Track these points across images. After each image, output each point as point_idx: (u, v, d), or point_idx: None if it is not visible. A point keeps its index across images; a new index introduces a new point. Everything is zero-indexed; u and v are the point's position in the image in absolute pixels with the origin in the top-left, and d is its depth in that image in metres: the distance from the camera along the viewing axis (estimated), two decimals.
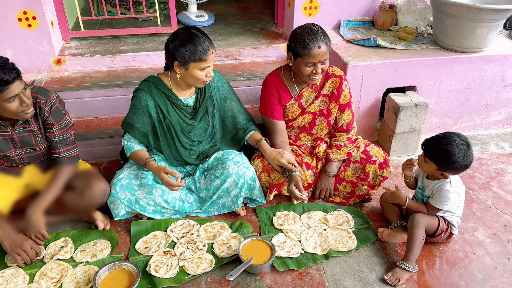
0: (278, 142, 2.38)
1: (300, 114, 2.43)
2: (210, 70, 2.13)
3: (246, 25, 3.76)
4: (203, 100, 2.31)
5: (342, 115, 2.44)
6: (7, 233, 1.96)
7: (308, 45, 2.13)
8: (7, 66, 1.79)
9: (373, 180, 2.37)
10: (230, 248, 2.12)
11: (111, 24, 3.69)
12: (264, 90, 2.42)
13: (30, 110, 1.93)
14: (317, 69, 2.19)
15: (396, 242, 2.17)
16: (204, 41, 2.05)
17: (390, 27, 3.27)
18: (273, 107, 2.39)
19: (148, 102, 2.20)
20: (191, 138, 2.35)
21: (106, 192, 2.16)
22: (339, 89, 2.39)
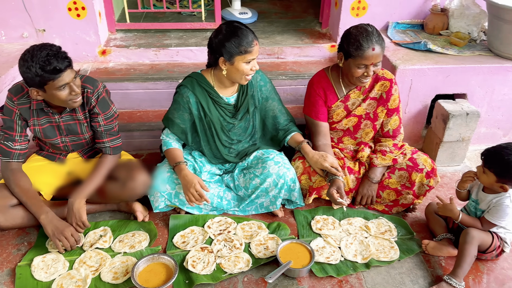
0: (320, 144, 2.33)
1: (345, 116, 2.37)
2: (255, 63, 2.10)
3: (289, 23, 3.71)
4: (245, 99, 2.28)
5: (389, 120, 2.36)
6: (50, 218, 1.98)
7: (362, 46, 2.05)
8: (60, 55, 1.81)
9: (419, 189, 2.28)
10: (267, 249, 2.08)
11: (154, 17, 3.72)
12: (310, 90, 2.36)
13: (78, 98, 1.95)
14: (368, 71, 2.12)
15: (441, 255, 2.07)
16: (248, 33, 2.03)
17: (440, 32, 3.15)
18: (318, 108, 2.33)
19: (190, 98, 2.19)
20: (231, 136, 2.33)
21: (148, 184, 2.17)
22: (388, 92, 2.30)
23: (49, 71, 1.77)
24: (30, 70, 1.77)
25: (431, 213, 2.19)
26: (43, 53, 1.77)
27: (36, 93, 1.88)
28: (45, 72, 1.77)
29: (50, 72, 1.78)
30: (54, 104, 1.98)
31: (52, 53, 1.79)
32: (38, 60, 1.76)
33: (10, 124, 2.00)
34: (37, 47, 1.80)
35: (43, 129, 2.06)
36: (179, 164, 2.17)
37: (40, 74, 1.77)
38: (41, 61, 1.76)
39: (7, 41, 2.93)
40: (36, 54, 1.77)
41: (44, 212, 1.98)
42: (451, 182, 2.64)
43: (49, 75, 1.78)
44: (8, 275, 1.92)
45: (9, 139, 2.02)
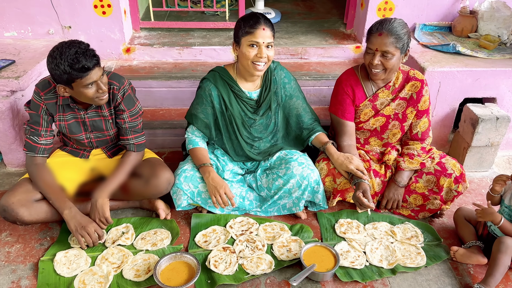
0: (345, 145, 2.28)
1: (372, 116, 2.32)
2: (262, 51, 2.03)
3: (313, 24, 3.68)
4: (267, 95, 2.25)
5: (418, 122, 2.30)
6: (73, 213, 1.98)
7: (371, 29, 2.06)
8: (88, 53, 1.80)
9: (447, 194, 2.21)
10: (290, 251, 2.04)
11: (178, 17, 3.73)
12: (338, 88, 2.32)
13: (105, 96, 1.94)
14: (373, 59, 2.08)
15: (470, 263, 2.01)
16: (258, 18, 2.02)
17: (469, 34, 3.07)
18: (345, 107, 2.29)
19: (212, 91, 2.19)
20: (252, 133, 2.30)
21: (171, 181, 2.15)
22: (419, 93, 2.25)
23: (77, 69, 1.77)
24: (59, 67, 1.77)
25: (461, 218, 2.13)
26: (72, 51, 1.77)
27: (63, 89, 1.88)
28: (74, 70, 1.77)
29: (79, 70, 1.77)
30: (80, 100, 1.98)
31: (81, 51, 1.78)
32: (67, 58, 1.76)
33: (36, 119, 2.01)
34: (66, 44, 1.80)
35: (68, 125, 2.06)
36: (206, 166, 2.16)
37: (69, 72, 1.77)
38: (70, 59, 1.76)
39: (34, 37, 2.96)
40: (64, 52, 1.77)
41: (68, 207, 1.98)
42: (478, 188, 2.57)
43: (77, 73, 1.78)
44: (31, 269, 1.93)
45: (34, 134, 2.03)
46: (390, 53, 2.06)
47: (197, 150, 2.22)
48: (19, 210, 1.97)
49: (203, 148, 2.24)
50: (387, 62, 2.09)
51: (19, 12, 2.87)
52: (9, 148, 2.53)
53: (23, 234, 2.12)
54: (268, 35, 2.03)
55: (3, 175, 2.57)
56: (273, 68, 2.26)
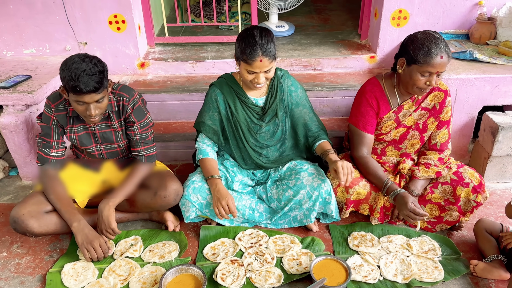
0: (361, 156, 2.21)
1: (394, 128, 2.23)
2: (259, 78, 2.01)
3: (326, 35, 3.65)
4: (273, 102, 2.22)
5: (438, 133, 2.21)
6: (82, 226, 1.98)
7: (431, 52, 1.93)
8: (93, 78, 1.79)
9: (465, 205, 2.11)
10: (300, 265, 1.98)
11: (193, 32, 3.77)
12: (361, 99, 2.22)
13: (93, 119, 1.93)
14: (431, 80, 1.98)
15: (491, 278, 1.90)
16: (256, 46, 1.93)
17: (488, 41, 2.98)
18: (367, 119, 2.20)
19: (218, 97, 2.19)
20: (259, 140, 2.27)
21: (179, 193, 2.13)
22: (442, 104, 2.16)
23: (71, 86, 1.78)
24: (63, 72, 1.81)
25: (481, 231, 2.02)
26: (81, 67, 1.77)
27: (63, 90, 1.90)
28: (68, 85, 1.79)
29: (72, 87, 1.78)
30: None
31: (88, 72, 1.78)
32: (71, 70, 1.77)
33: (47, 131, 2.04)
34: (83, 58, 1.82)
35: (79, 137, 2.08)
36: (213, 178, 2.13)
37: (66, 82, 1.80)
38: (73, 73, 1.76)
39: (51, 53, 3.04)
40: (76, 63, 1.79)
41: (77, 220, 1.99)
42: (501, 200, 2.45)
43: (70, 88, 1.79)
44: (39, 281, 1.93)
45: (46, 146, 2.05)
46: (443, 72, 2.00)
47: (206, 161, 2.21)
48: (29, 222, 1.98)
49: (212, 159, 2.22)
50: (438, 80, 2.03)
51: (37, 30, 2.96)
52: (24, 162, 2.58)
53: (34, 246, 2.14)
54: (266, 64, 1.97)
55: (19, 188, 2.61)
56: (280, 75, 2.23)
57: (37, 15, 2.92)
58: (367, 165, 2.18)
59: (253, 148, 2.29)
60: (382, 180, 2.11)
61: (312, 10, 4.55)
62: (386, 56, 3.13)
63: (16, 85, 2.51)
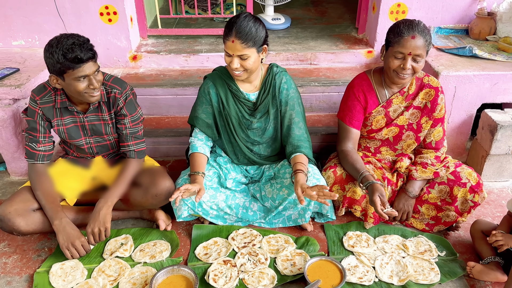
0: (347, 150, 2.15)
1: (385, 125, 2.19)
2: (233, 61, 1.93)
3: (323, 29, 3.58)
4: (265, 98, 2.15)
5: (432, 131, 2.17)
6: (64, 225, 1.91)
7: (402, 32, 1.90)
8: (85, 46, 1.77)
9: (462, 205, 2.08)
10: (294, 266, 1.94)
11: (187, 24, 3.69)
12: (349, 93, 2.19)
13: (96, 93, 1.89)
14: (405, 63, 1.93)
15: (488, 280, 1.87)
16: (231, 26, 1.88)
17: (487, 37, 2.93)
18: (353, 113, 2.17)
19: (211, 90, 2.13)
20: (249, 135, 2.21)
21: (171, 191, 2.08)
22: (433, 102, 2.11)
23: (70, 59, 1.74)
24: (53, 56, 1.75)
25: (478, 232, 1.99)
26: (69, 41, 1.75)
27: (55, 80, 1.85)
28: (66, 60, 1.74)
29: (71, 60, 1.74)
30: (74, 99, 1.95)
31: (78, 43, 1.76)
32: (62, 47, 1.73)
33: (33, 125, 1.98)
34: (65, 35, 1.79)
35: (67, 129, 2.02)
36: (195, 174, 2.06)
37: (61, 61, 1.74)
38: (65, 48, 1.73)
39: (41, 45, 2.95)
40: (62, 41, 1.75)
41: (59, 218, 1.92)
42: (498, 199, 2.42)
43: (69, 63, 1.75)
44: (26, 281, 1.88)
45: (33, 141, 2.00)
46: (421, 56, 1.93)
47: (194, 156, 2.14)
48: (16, 220, 1.92)
49: (200, 154, 2.15)
50: (417, 66, 1.95)
51: (26, 20, 2.87)
52: (12, 157, 2.51)
53: (21, 244, 2.08)
54: (238, 47, 1.89)
55: (7, 184, 2.55)
56: (276, 72, 2.16)
57: (26, 6, 2.83)
58: (346, 158, 2.12)
59: (245, 144, 2.24)
60: (359, 171, 2.03)
61: (309, 2, 4.48)
62: None
63: (4, 78, 2.44)
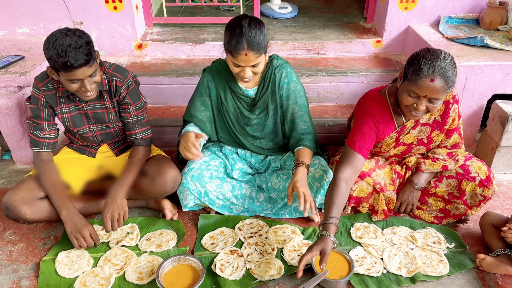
0: (341, 177, 1.87)
1: (393, 147, 2.08)
2: (245, 72, 1.86)
3: (331, 18, 3.53)
4: (264, 93, 2.08)
5: (448, 140, 2.07)
6: (71, 215, 1.90)
7: (420, 71, 1.69)
8: (80, 50, 1.68)
9: (471, 199, 2.04)
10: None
11: (193, 12, 3.65)
12: (366, 119, 1.95)
13: (89, 94, 1.84)
14: (419, 104, 1.75)
15: (498, 273, 1.84)
16: (241, 39, 1.77)
17: (498, 27, 2.87)
18: (366, 141, 1.94)
19: (210, 84, 2.08)
20: (248, 131, 2.17)
21: (177, 180, 2.06)
22: (444, 116, 1.97)
23: (61, 64, 1.68)
24: (48, 52, 1.69)
25: (487, 224, 1.96)
26: (66, 41, 1.66)
27: (51, 72, 1.80)
28: (57, 63, 1.69)
29: (62, 64, 1.68)
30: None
31: (74, 45, 1.67)
32: (57, 47, 1.66)
33: (37, 113, 1.96)
34: (66, 31, 1.71)
35: (71, 117, 2.00)
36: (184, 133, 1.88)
37: (54, 62, 1.70)
38: (59, 49, 1.65)
39: (45, 33, 2.92)
40: (58, 40, 1.67)
41: (66, 208, 1.90)
42: (508, 191, 2.38)
43: (60, 66, 1.69)
44: (32, 269, 1.87)
45: (37, 128, 1.97)
46: (439, 99, 1.75)
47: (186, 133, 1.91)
48: (22, 208, 1.92)
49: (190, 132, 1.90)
50: (432, 107, 1.77)
51: (31, 8, 2.84)
52: (18, 145, 2.50)
53: (27, 232, 2.07)
54: (251, 59, 1.81)
55: (12, 173, 2.54)
56: (276, 65, 2.07)
57: None
58: (333, 189, 1.86)
59: (245, 138, 2.20)
60: (329, 213, 1.79)
61: None
62: (393, 40, 3.03)
63: (9, 65, 2.41)
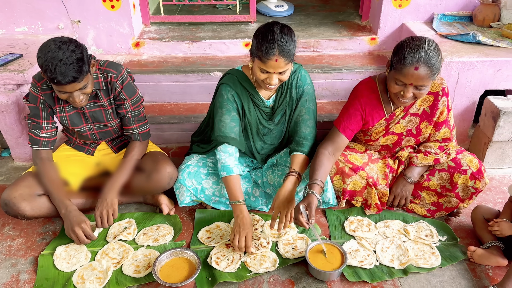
0: (324, 152, 1.99)
1: (382, 135, 2.12)
2: (272, 78, 1.83)
3: (327, 16, 3.56)
4: (283, 101, 2.07)
5: (437, 133, 2.11)
6: (68, 211, 1.91)
7: (405, 60, 1.75)
8: (71, 67, 1.68)
9: (463, 192, 2.07)
10: (296, 249, 1.95)
11: (190, 11, 3.68)
12: (354, 101, 2.03)
13: (80, 103, 1.84)
14: (406, 92, 1.81)
15: (488, 264, 1.88)
16: (273, 44, 1.75)
17: (491, 24, 2.91)
18: (350, 123, 2.03)
19: (235, 97, 2.02)
20: (265, 140, 2.18)
21: (173, 177, 2.09)
22: (433, 107, 2.03)
23: (49, 77, 1.69)
24: (39, 60, 1.69)
25: (479, 217, 1.99)
26: (58, 55, 1.66)
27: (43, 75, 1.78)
28: (46, 75, 1.70)
29: (50, 79, 1.69)
30: None
31: (65, 62, 1.66)
32: (48, 59, 1.66)
33: (36, 112, 1.98)
34: (60, 44, 1.69)
35: (70, 116, 2.02)
36: (238, 204, 1.95)
37: (44, 71, 1.70)
38: (49, 63, 1.65)
39: (44, 32, 2.96)
40: (50, 52, 1.66)
41: (65, 207, 1.93)
42: (500, 185, 2.42)
43: (49, 78, 1.70)
44: (31, 263, 1.91)
45: (36, 127, 2.00)
46: (425, 86, 1.80)
47: (230, 180, 1.98)
48: (21, 205, 1.95)
49: (236, 176, 2.00)
50: (419, 93, 1.83)
51: (29, 7, 2.87)
52: (16, 142, 2.53)
53: (26, 228, 2.10)
54: (281, 65, 1.79)
55: (11, 170, 2.57)
56: (292, 71, 2.03)
57: None
58: (316, 159, 1.98)
59: (258, 150, 2.21)
60: (312, 177, 1.90)
61: None
62: (387, 38, 3.06)
63: (7, 64, 2.44)
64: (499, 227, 1.85)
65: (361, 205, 2.21)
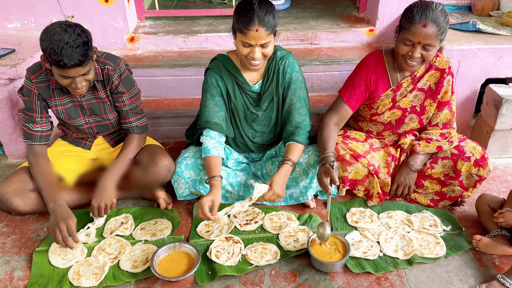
0: (329, 123, 2.05)
1: (388, 108, 2.10)
2: (254, 52, 1.83)
3: (324, 9, 3.53)
4: (269, 86, 2.05)
5: (439, 114, 2.09)
6: (57, 206, 1.82)
7: (413, 18, 1.79)
8: (77, 50, 1.65)
9: (467, 179, 2.04)
10: (297, 241, 1.91)
11: (185, 6, 3.64)
12: (360, 70, 2.06)
13: (80, 91, 1.81)
14: (414, 52, 1.84)
15: (494, 253, 1.84)
16: (252, 15, 1.75)
17: (490, 13, 2.88)
18: (355, 92, 2.06)
19: (218, 82, 2.03)
20: (255, 128, 2.15)
21: (171, 169, 2.05)
22: (438, 84, 2.03)
23: (54, 60, 1.64)
24: (43, 44, 1.66)
25: (483, 206, 1.95)
26: (64, 38, 1.62)
27: (44, 61, 1.75)
28: (51, 58, 1.65)
29: (55, 61, 1.65)
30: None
31: (71, 45, 1.63)
32: (53, 42, 1.62)
33: (29, 105, 1.93)
34: (66, 27, 1.66)
35: (66, 109, 1.97)
36: (213, 180, 1.92)
37: (48, 54, 1.65)
38: (55, 46, 1.61)
39: (37, 28, 2.91)
40: (56, 35, 1.63)
41: (53, 201, 1.84)
42: (503, 175, 2.38)
43: (53, 62, 1.66)
44: (25, 260, 1.85)
45: (30, 121, 1.95)
46: (432, 46, 1.83)
47: (207, 160, 1.99)
48: (14, 200, 1.90)
49: (214, 156, 1.99)
50: (427, 54, 1.86)
51: (22, 2, 2.82)
52: (9, 139, 2.47)
53: (20, 225, 2.05)
54: (262, 36, 1.79)
55: (4, 167, 2.52)
56: (280, 57, 2.03)
57: None
58: (322, 131, 2.03)
59: (250, 138, 2.17)
60: (325, 150, 1.93)
61: None
62: (386, 29, 3.02)
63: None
64: (504, 217, 1.81)
65: (363, 196, 2.17)
